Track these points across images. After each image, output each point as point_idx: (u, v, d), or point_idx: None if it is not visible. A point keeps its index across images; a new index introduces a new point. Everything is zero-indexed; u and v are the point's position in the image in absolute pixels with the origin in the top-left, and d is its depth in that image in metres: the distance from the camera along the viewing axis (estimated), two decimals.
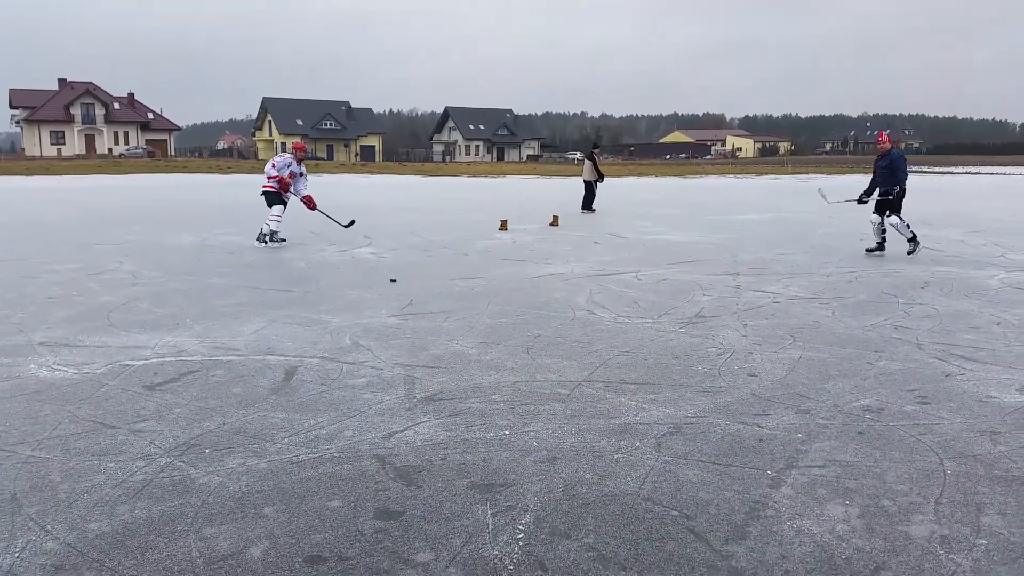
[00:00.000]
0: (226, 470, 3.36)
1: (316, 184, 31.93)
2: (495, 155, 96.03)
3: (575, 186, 31.76)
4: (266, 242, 11.45)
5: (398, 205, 21.14)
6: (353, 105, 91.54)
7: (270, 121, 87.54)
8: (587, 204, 18.00)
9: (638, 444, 3.69)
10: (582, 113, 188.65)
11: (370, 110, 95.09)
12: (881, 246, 10.67)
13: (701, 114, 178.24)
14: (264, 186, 11.64)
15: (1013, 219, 15.59)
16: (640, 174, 45.12)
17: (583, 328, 6.10)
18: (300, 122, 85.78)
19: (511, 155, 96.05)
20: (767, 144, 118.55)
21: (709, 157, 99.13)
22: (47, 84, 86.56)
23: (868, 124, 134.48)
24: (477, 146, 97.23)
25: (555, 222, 14.70)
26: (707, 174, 48.98)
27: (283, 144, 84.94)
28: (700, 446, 3.68)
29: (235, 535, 2.80)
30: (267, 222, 11.50)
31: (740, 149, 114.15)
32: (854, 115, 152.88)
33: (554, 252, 10.77)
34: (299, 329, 6.01)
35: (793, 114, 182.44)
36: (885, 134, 10.98)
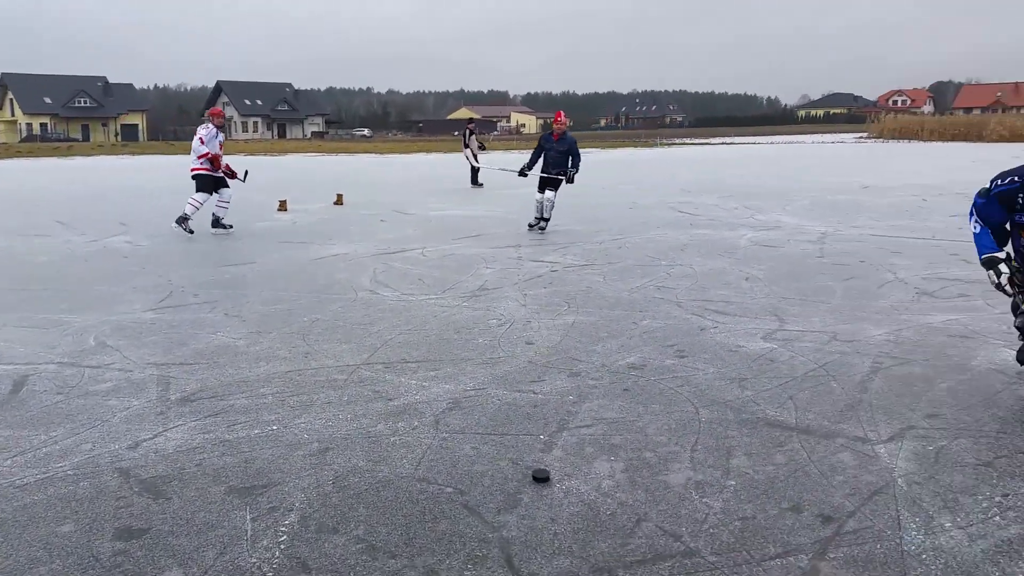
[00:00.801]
0: None
1: (67, 169, 28.72)
2: (276, 132, 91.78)
3: (363, 164, 31.09)
4: (224, 226, 10.51)
5: (162, 187, 19.51)
6: (111, 81, 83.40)
7: (11, 100, 77.66)
8: (476, 179, 17.95)
9: (416, 424, 3.61)
10: (368, 88, 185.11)
11: (131, 86, 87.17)
12: (541, 221, 10.41)
13: (486, 91, 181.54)
14: (193, 168, 10.42)
15: (760, 184, 17.31)
16: (429, 150, 45.07)
17: (365, 309, 5.92)
18: (48, 100, 76.97)
19: (293, 132, 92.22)
20: (547, 120, 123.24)
21: (496, 133, 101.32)
22: None
23: (638, 100, 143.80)
24: (255, 123, 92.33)
25: (339, 201, 14.25)
26: (493, 149, 49.93)
27: (28, 125, 75.77)
28: (478, 418, 3.67)
29: None
30: (215, 206, 10.51)
31: (524, 125, 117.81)
32: (625, 92, 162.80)
33: (337, 232, 10.42)
34: (33, 332, 5.29)
35: (571, 91, 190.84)
36: (563, 114, 10.86)
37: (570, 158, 10.40)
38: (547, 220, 10.44)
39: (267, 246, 9.23)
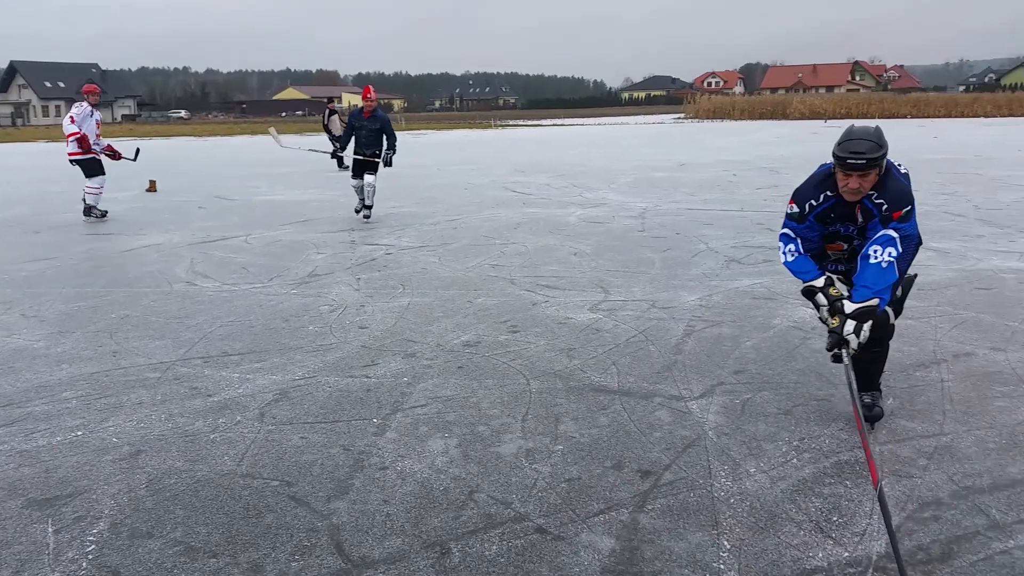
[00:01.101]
0: None
1: None
2: None
3: (179, 147, 29.17)
4: (96, 214, 9.94)
5: None
6: None
7: None
8: (341, 161, 16.63)
9: (239, 419, 3.46)
10: (184, 68, 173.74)
11: None
12: (364, 209, 9.63)
13: (314, 70, 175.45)
14: (70, 154, 9.88)
15: (588, 164, 17.94)
16: (254, 132, 43.04)
17: (181, 302, 5.58)
18: None
19: (102, 115, 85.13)
20: (381, 101, 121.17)
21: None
22: None
23: (471, 82, 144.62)
24: (58, 106, 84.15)
25: (152, 187, 13.31)
26: (324, 131, 48.51)
27: None
28: (307, 408, 3.57)
29: None
30: (86, 193, 9.95)
31: (356, 106, 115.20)
32: (458, 73, 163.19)
33: (150, 221, 9.74)
34: None
35: (404, 72, 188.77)
36: (372, 89, 9.79)
37: (384, 137, 9.52)
38: (370, 207, 9.65)
39: (70, 240, 8.48)
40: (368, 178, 9.50)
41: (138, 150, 10.93)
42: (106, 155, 10.08)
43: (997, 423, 3.25)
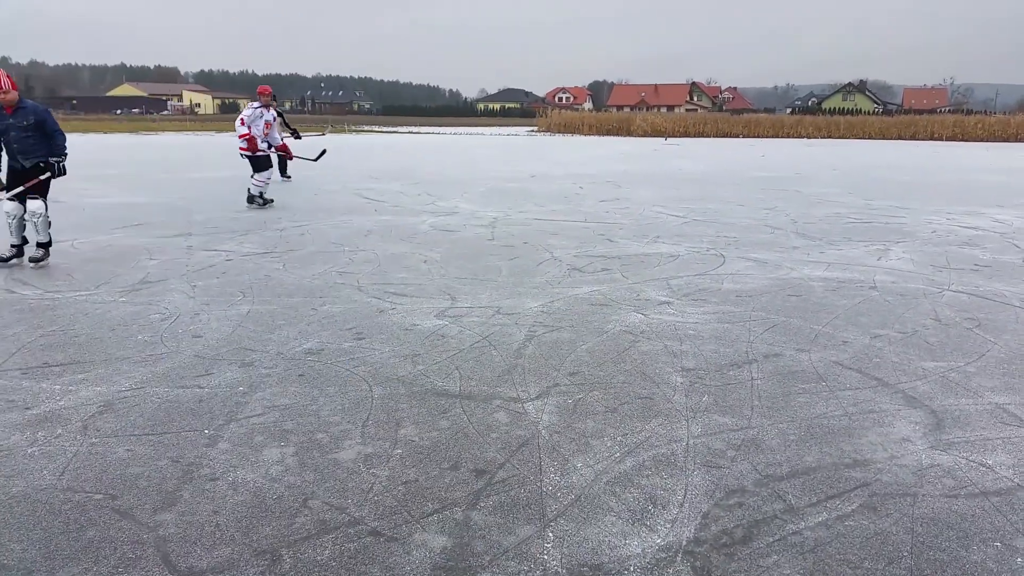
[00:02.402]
0: None
1: None
2: None
3: None
4: (259, 203, 10.82)
5: None
6: None
7: None
8: (285, 168, 15.10)
9: (60, 432, 3.27)
10: (4, 59, 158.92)
11: None
12: (26, 251, 6.90)
13: (152, 66, 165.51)
14: (241, 148, 10.76)
15: (442, 172, 18.07)
16: (86, 130, 40.07)
17: None
18: None
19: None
20: (227, 101, 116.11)
21: (166, 113, 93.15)
22: None
23: (323, 84, 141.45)
24: None
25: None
26: (164, 131, 45.93)
27: None
28: (134, 419, 3.43)
29: None
30: (253, 183, 10.77)
31: (199, 105, 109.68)
32: (309, 75, 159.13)
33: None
34: None
35: (250, 71, 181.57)
36: (6, 75, 6.70)
37: (46, 137, 6.81)
38: (45, 246, 6.81)
39: None
40: (33, 204, 6.69)
41: (323, 152, 11.11)
42: (278, 154, 10.88)
43: (798, 417, 3.62)
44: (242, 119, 10.74)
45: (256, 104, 10.78)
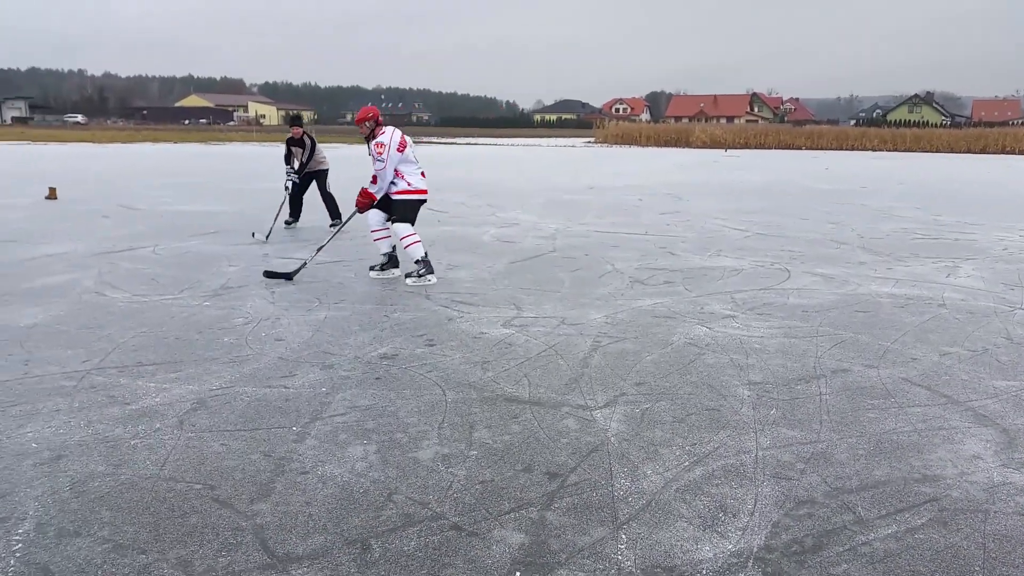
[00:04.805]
0: None
1: None
2: None
3: (77, 154, 27.97)
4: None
5: None
6: None
7: None
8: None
9: (158, 426, 3.51)
10: (80, 71, 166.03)
11: None
12: None
13: (219, 78, 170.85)
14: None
15: (501, 184, 18.30)
16: (156, 140, 41.64)
17: (91, 312, 5.50)
18: None
19: None
20: (291, 112, 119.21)
21: (232, 123, 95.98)
22: None
23: (383, 96, 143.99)
24: None
25: (52, 195, 12.82)
26: (231, 141, 47.41)
27: None
28: (226, 416, 3.65)
29: None
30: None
31: (264, 116, 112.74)
32: (369, 88, 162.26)
33: (52, 230, 9.42)
34: None
35: (314, 83, 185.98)
36: None
37: None
38: None
39: None
40: None
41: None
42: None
43: (867, 432, 3.64)
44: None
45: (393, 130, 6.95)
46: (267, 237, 9.08)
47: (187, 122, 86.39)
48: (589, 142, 55.88)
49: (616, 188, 17.36)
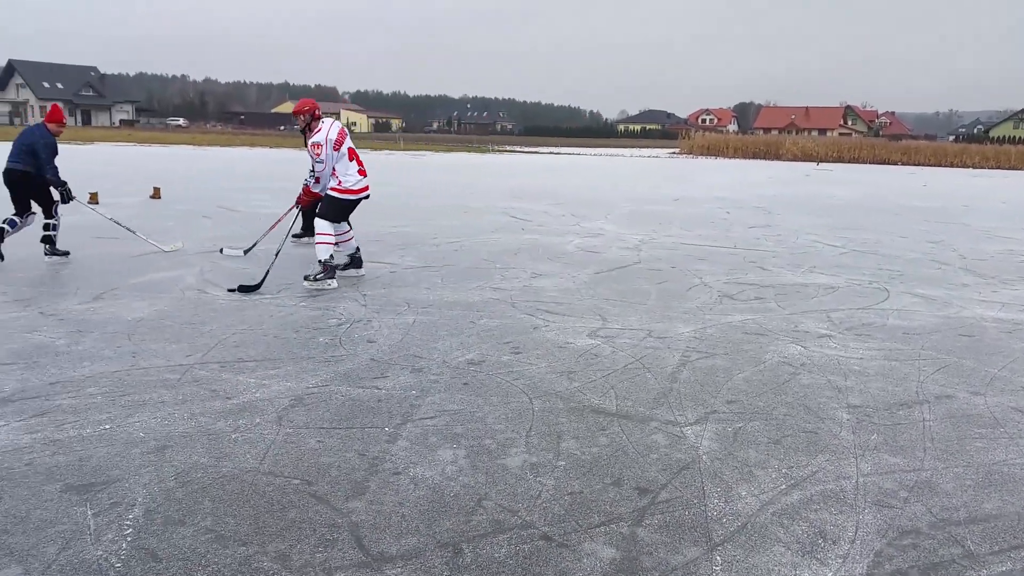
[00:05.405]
0: None
1: None
2: (79, 118, 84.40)
3: (180, 155, 29.35)
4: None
5: None
6: None
7: None
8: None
9: (258, 421, 3.63)
10: (183, 76, 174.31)
11: None
12: None
13: (313, 85, 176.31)
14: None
15: (584, 193, 18.26)
16: (252, 144, 43.27)
17: (194, 308, 5.75)
18: None
19: (99, 119, 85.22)
20: (380, 120, 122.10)
21: None
22: None
23: (469, 105, 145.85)
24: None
25: (156, 194, 13.49)
26: None
27: None
28: (322, 414, 3.74)
29: None
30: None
31: (355, 123, 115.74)
32: (456, 96, 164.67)
33: (156, 228, 9.89)
34: None
35: (402, 92, 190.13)
36: None
37: None
38: None
39: (80, 241, 8.62)
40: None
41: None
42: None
43: (975, 462, 3.46)
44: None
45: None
46: (246, 252, 8.16)
47: (282, 128, 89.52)
48: (674, 153, 55.17)
49: (703, 200, 17.07)
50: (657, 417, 3.87)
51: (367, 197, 6.95)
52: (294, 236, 8.64)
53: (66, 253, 7.71)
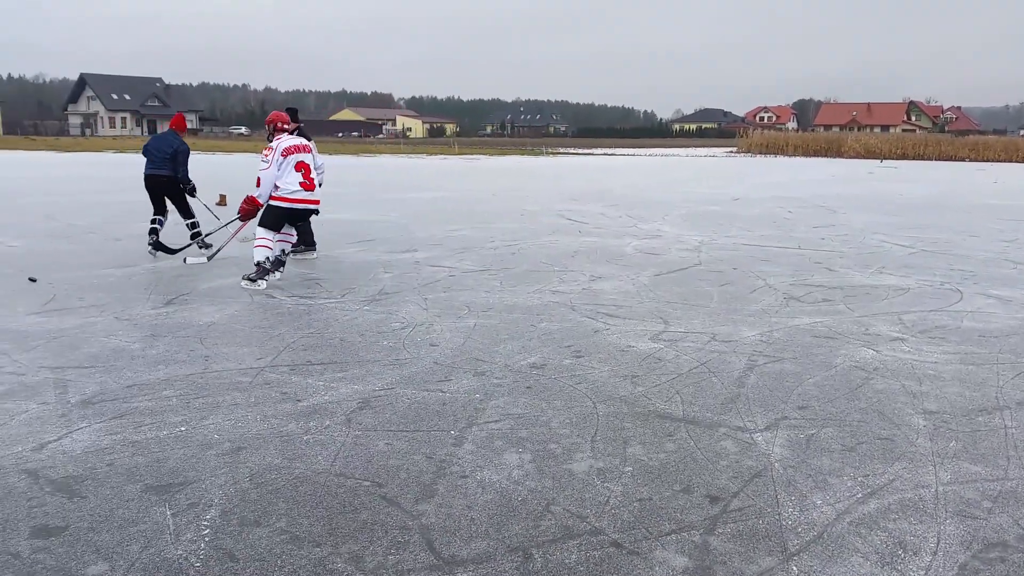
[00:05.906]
0: None
1: None
2: (145, 128, 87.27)
3: (239, 163, 30.06)
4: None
5: (27, 187, 18.31)
6: None
7: None
8: None
9: (328, 423, 3.69)
10: (244, 85, 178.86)
11: None
12: None
13: (369, 92, 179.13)
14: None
15: (641, 194, 18.10)
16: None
17: (263, 313, 5.88)
18: None
19: (165, 128, 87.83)
20: (435, 125, 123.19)
21: (381, 136, 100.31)
22: None
23: (522, 108, 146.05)
24: (124, 118, 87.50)
25: (223, 201, 13.84)
26: (381, 153, 49.57)
27: None
28: (389, 416, 3.78)
29: None
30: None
31: (410, 129, 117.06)
32: (509, 100, 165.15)
33: (222, 232, 10.14)
34: None
35: (456, 97, 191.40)
36: None
37: None
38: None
39: (147, 247, 8.90)
40: None
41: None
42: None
43: None
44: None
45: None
46: (209, 259, 8.03)
47: (340, 135, 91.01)
48: (731, 152, 54.31)
49: (763, 200, 16.75)
50: (725, 423, 3.80)
51: (315, 212, 7.37)
52: (293, 248, 7.83)
53: (174, 251, 8.36)
